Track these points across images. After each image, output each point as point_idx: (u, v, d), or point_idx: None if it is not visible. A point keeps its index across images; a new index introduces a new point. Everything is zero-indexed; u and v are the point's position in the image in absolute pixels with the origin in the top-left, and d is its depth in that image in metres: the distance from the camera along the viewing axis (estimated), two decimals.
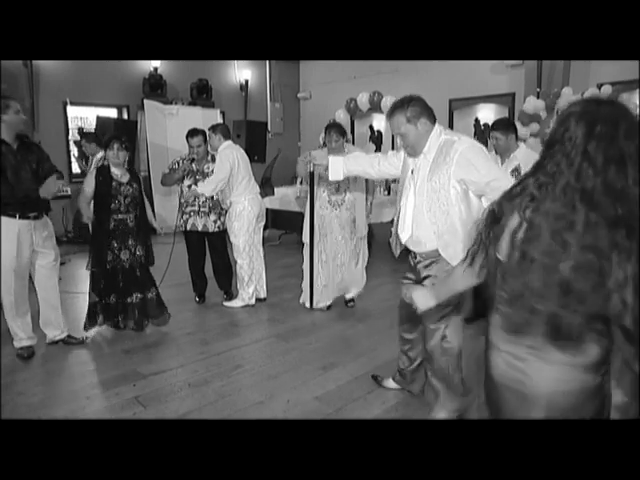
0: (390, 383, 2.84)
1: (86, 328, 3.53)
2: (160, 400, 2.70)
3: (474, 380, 2.41)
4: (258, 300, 4.37)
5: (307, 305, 4.18)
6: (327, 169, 2.67)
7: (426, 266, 2.32)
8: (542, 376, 1.20)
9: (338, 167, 2.63)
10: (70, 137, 7.47)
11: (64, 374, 3.05)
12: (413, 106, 2.20)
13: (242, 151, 4.23)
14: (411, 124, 2.20)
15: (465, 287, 1.48)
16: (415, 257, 2.39)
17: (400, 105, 2.23)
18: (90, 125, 7.48)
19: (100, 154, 4.75)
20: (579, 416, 1.20)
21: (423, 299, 1.61)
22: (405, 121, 2.20)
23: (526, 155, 3.41)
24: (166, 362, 3.21)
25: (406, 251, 2.48)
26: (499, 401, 1.32)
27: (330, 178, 2.68)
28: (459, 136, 2.22)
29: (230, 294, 4.43)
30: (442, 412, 2.41)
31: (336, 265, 4.02)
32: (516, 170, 3.40)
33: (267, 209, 4.63)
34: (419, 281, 2.36)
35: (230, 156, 4.01)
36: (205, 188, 3.95)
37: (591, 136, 1.07)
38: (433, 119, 2.25)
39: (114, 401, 2.69)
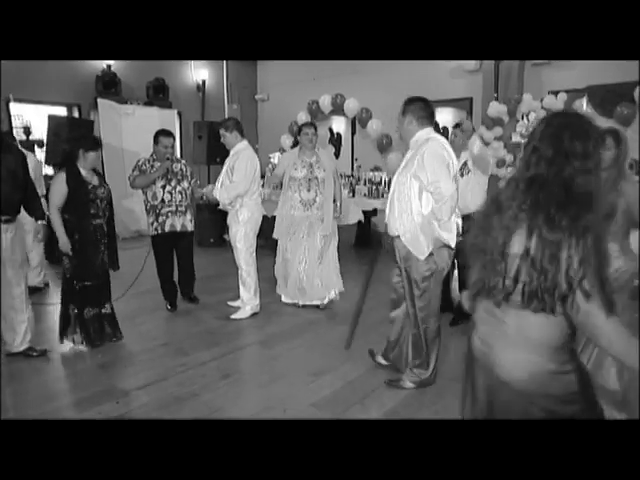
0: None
1: (62, 341, 3.32)
2: (148, 417, 2.53)
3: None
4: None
5: (283, 299, 4.35)
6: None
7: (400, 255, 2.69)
8: None
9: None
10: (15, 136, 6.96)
11: (35, 394, 2.78)
12: (409, 104, 2.70)
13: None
14: (402, 117, 2.71)
15: None
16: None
17: (406, 100, 2.73)
18: (36, 124, 6.99)
19: None
20: None
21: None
22: (401, 113, 2.71)
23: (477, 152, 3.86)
24: (146, 375, 3.02)
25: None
26: None
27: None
28: (434, 140, 2.59)
29: (195, 299, 4.37)
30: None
31: (297, 262, 4.14)
32: (465, 164, 3.78)
33: None
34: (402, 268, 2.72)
35: (253, 161, 3.93)
36: (223, 195, 3.84)
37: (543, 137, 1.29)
38: (423, 122, 2.67)
39: None
